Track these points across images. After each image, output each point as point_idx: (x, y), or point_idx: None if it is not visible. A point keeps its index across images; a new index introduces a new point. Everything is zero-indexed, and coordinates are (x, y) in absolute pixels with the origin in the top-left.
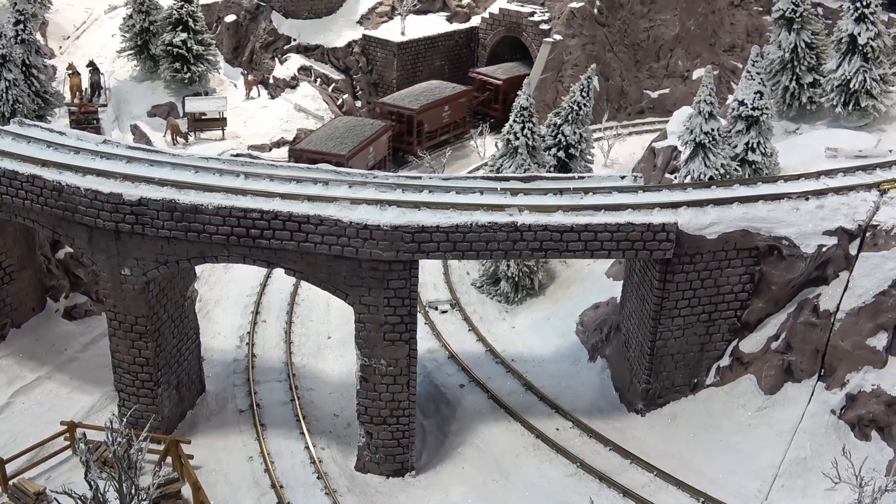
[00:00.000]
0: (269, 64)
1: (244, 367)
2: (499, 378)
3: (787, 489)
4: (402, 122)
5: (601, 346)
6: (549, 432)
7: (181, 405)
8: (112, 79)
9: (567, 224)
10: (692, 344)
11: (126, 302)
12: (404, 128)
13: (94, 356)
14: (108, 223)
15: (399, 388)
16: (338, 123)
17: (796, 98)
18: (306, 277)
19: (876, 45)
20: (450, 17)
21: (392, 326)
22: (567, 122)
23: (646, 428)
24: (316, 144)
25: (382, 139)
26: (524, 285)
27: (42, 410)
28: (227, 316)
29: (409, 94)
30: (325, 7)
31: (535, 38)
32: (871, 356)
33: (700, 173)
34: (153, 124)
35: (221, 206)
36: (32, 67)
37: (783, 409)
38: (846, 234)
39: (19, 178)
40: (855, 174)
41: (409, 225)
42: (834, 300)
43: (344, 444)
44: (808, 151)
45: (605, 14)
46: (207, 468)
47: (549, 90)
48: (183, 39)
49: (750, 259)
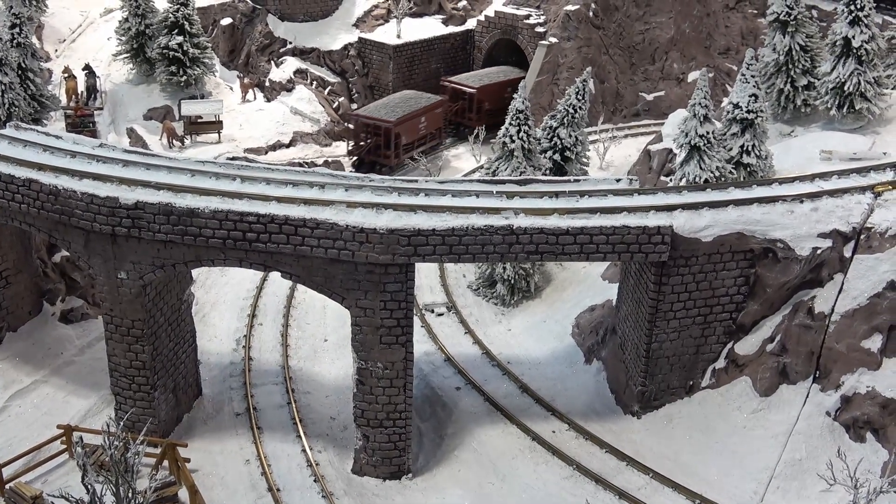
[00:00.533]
0: (265, 67)
1: (241, 370)
2: (495, 381)
3: (783, 491)
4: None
5: (597, 348)
6: (545, 435)
7: (178, 408)
8: (108, 82)
9: (563, 227)
10: (687, 346)
11: (122, 305)
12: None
13: (90, 360)
14: (104, 227)
15: (395, 391)
16: (396, 96)
17: (791, 101)
18: (303, 281)
19: (870, 48)
20: (445, 19)
21: (388, 329)
22: (563, 125)
23: (641, 430)
24: (369, 111)
25: (436, 112)
26: (520, 288)
27: (39, 414)
28: (223, 319)
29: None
30: (321, 10)
31: (531, 40)
32: (866, 358)
33: (695, 176)
34: (149, 127)
35: (218, 209)
36: (28, 71)
37: (778, 411)
38: (841, 236)
39: (15, 182)
40: (849, 177)
41: (405, 228)
42: (828, 302)
43: (340, 447)
44: (803, 154)
45: (600, 17)
46: (204, 471)
47: (544, 93)
48: (179, 43)
49: (745, 261)
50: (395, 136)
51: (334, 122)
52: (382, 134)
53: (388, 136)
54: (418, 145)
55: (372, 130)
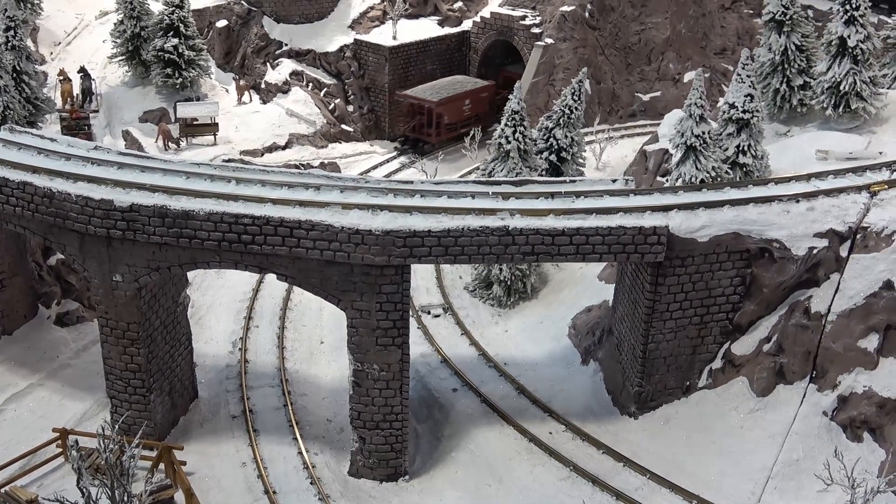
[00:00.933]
0: (260, 69)
1: (237, 372)
2: (491, 382)
3: (780, 491)
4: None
5: (594, 349)
6: (542, 436)
7: (174, 411)
8: (103, 84)
9: (559, 228)
10: (684, 347)
11: (118, 308)
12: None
13: (86, 363)
14: (99, 229)
15: (392, 393)
16: (444, 80)
17: (787, 100)
18: (298, 283)
19: (866, 48)
20: (441, 21)
21: (384, 331)
22: (558, 126)
23: (638, 431)
24: (416, 92)
25: (482, 95)
26: (517, 289)
27: (34, 418)
28: (219, 321)
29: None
30: (317, 12)
31: (527, 41)
32: (863, 358)
33: (691, 176)
34: (145, 130)
35: (213, 211)
36: (23, 73)
37: (775, 411)
38: (837, 236)
39: (10, 185)
40: (845, 176)
41: (400, 229)
42: (825, 302)
43: (337, 450)
44: (799, 154)
45: (596, 17)
46: (200, 474)
47: (540, 94)
48: (174, 45)
49: (741, 262)
50: (438, 116)
51: (330, 123)
52: (426, 113)
53: (430, 115)
54: (462, 126)
55: (417, 109)
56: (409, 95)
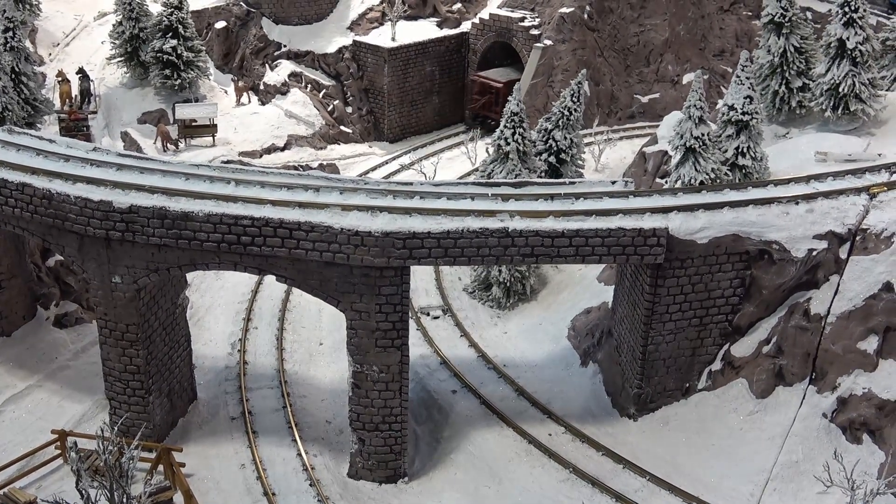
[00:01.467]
0: (259, 70)
1: (236, 374)
2: (491, 384)
3: (780, 493)
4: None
5: (593, 350)
6: (541, 437)
7: (173, 413)
8: (102, 86)
9: (558, 229)
10: (683, 348)
11: (117, 310)
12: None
13: (84, 364)
14: (98, 231)
15: (391, 395)
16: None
17: (786, 102)
18: (298, 284)
19: (864, 50)
20: (440, 22)
21: (384, 332)
22: (558, 128)
23: (638, 433)
24: (487, 74)
25: None
26: (516, 290)
27: (33, 419)
28: (218, 323)
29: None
30: (316, 13)
31: (526, 43)
32: (862, 359)
33: (690, 178)
34: (143, 131)
35: (212, 213)
36: (22, 75)
37: (775, 412)
38: (836, 237)
39: (9, 187)
40: (844, 178)
41: (400, 231)
42: (824, 304)
43: (336, 451)
44: (798, 156)
45: (595, 19)
46: (199, 476)
47: (539, 95)
48: (173, 46)
49: (741, 263)
50: (503, 96)
51: (329, 125)
52: (494, 93)
53: (497, 94)
54: None
55: (486, 89)
56: (482, 76)
